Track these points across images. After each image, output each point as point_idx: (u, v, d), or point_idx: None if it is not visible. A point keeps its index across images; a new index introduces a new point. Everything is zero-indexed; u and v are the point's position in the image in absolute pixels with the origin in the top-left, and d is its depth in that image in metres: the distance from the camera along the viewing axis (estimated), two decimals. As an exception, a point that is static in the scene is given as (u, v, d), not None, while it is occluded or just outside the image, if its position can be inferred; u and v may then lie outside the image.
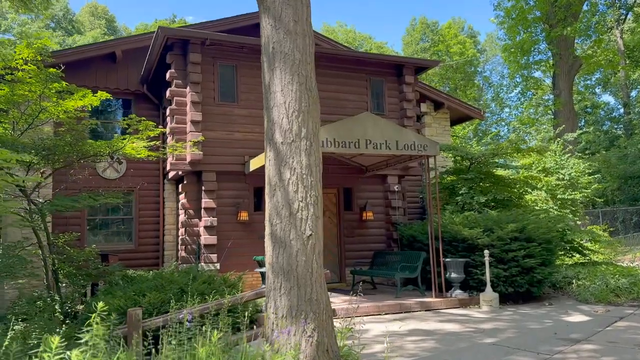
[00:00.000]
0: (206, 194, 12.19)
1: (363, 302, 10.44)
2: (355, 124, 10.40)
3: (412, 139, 10.82)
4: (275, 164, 5.55)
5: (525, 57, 26.43)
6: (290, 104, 5.56)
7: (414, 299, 10.68)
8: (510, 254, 10.74)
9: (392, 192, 14.05)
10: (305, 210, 5.41)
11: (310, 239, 5.39)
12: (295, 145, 5.50)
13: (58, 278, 11.31)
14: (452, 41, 46.78)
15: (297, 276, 5.30)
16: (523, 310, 10.15)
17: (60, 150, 10.17)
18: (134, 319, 6.42)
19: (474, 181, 14.22)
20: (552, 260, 11.35)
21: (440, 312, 10.14)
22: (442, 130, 18.44)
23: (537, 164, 19.36)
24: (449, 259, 10.92)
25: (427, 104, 18.05)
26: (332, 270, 13.52)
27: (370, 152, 10.53)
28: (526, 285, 10.81)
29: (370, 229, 13.96)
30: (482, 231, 11.07)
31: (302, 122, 5.56)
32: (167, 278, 9.49)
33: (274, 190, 5.53)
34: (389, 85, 14.32)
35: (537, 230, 10.96)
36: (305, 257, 5.34)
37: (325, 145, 10.07)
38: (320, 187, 5.65)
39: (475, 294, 10.88)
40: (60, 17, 39.65)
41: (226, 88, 12.64)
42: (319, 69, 13.78)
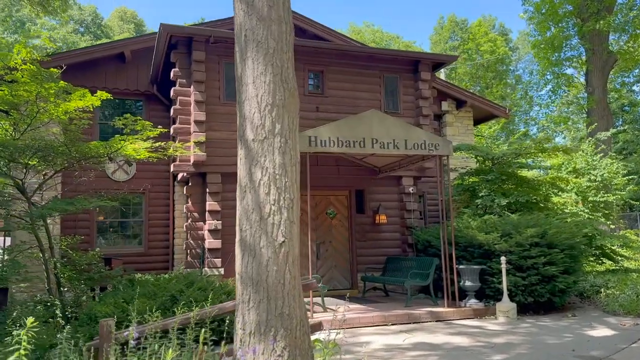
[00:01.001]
0: (210, 196, 11.77)
1: (369, 310, 9.83)
2: (361, 122, 9.82)
3: (422, 138, 10.16)
4: (245, 163, 5.03)
5: (556, 53, 25.31)
6: (263, 97, 5.03)
7: (425, 308, 10.01)
8: (530, 261, 9.97)
9: (407, 194, 13.38)
10: (277, 215, 4.87)
11: (283, 247, 4.84)
12: (267, 143, 4.96)
13: (60, 282, 11.09)
14: (482, 39, 45.52)
15: (267, 288, 4.76)
16: (542, 322, 9.37)
17: (55, 151, 9.89)
18: (105, 330, 5.98)
19: (495, 183, 13.43)
20: (576, 268, 10.51)
21: (452, 324, 9.45)
22: (464, 130, 17.65)
23: (567, 165, 18.37)
24: (463, 266, 10.22)
25: (448, 102, 17.30)
26: (343, 276, 12.94)
27: (376, 151, 9.93)
28: (547, 294, 10.02)
29: (384, 233, 13.31)
30: (500, 236, 10.33)
31: (276, 117, 5.02)
32: (160, 284, 9.09)
33: (244, 192, 5.01)
34: (404, 82, 13.66)
35: (560, 235, 10.15)
36: (276, 266, 4.80)
37: (327, 145, 9.52)
38: (297, 189, 5.10)
39: (491, 304, 10.14)
40: (89, 22, 40.13)
41: (232, 87, 12.19)
42: (330, 66, 13.33)
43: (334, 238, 12.99)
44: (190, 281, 9.57)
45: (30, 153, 9.76)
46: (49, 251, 11.12)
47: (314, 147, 9.45)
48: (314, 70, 12.91)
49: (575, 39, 24.92)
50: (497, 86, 40.20)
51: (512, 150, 13.50)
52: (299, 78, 12.65)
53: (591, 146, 18.42)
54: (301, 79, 12.69)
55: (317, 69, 12.92)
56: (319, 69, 12.93)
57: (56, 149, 9.89)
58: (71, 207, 9.72)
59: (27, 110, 10.26)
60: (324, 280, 12.71)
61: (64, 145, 9.94)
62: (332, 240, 12.96)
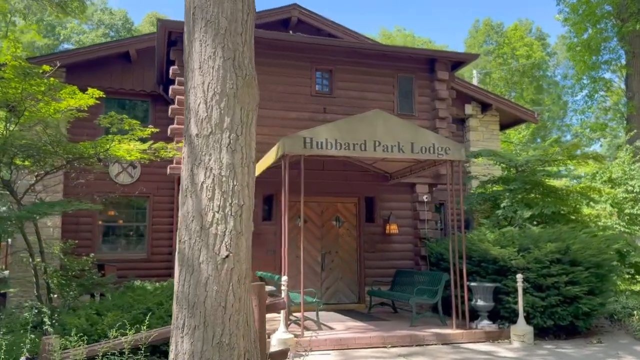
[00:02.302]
0: (208, 202, 11.10)
1: (369, 330, 8.95)
2: (362, 122, 8.99)
3: (430, 141, 9.26)
4: (188, 162, 4.29)
5: (593, 56, 23.86)
6: (211, 84, 4.29)
7: (431, 329, 9.07)
8: (550, 280, 8.93)
9: (420, 202, 12.44)
10: (222, 224, 4.11)
11: (227, 262, 4.07)
12: (213, 139, 4.22)
13: (50, 288, 10.61)
14: (518, 43, 43.98)
15: (205, 312, 4.00)
16: (562, 349, 8.32)
17: (40, 151, 9.40)
18: (45, 348, 5.33)
19: (519, 192, 12.37)
20: (603, 289, 9.40)
21: (460, 348, 8.49)
22: (489, 135, 16.59)
23: (602, 174, 17.06)
24: (475, 283, 9.24)
25: (472, 105, 16.29)
26: (350, 289, 12.09)
27: (378, 155, 9.08)
28: (569, 317, 8.95)
29: (395, 244, 12.41)
30: (517, 251, 9.32)
31: (225, 109, 4.27)
32: (140, 295, 8.45)
33: (185, 197, 4.27)
34: (420, 82, 12.75)
35: (584, 251, 9.08)
36: (217, 286, 4.04)
37: (325, 147, 8.73)
38: (248, 194, 4.33)
39: (506, 326, 9.13)
40: (119, 26, 40.41)
41: (233, 86, 11.54)
42: (339, 65, 12.52)
43: (341, 248, 12.15)
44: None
45: (12, 152, 9.29)
46: (39, 255, 10.68)
47: (309, 149, 8.67)
48: (322, 69, 12.15)
49: (614, 40, 23.42)
50: (528, 89, 38.59)
51: (537, 156, 12.40)
52: (305, 77, 11.93)
53: (629, 154, 17.05)
54: (308, 79, 11.95)
55: (326, 67, 12.15)
56: (327, 68, 12.16)
57: (40, 148, 9.41)
58: (50, 210, 9.18)
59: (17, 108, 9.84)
60: (329, 293, 11.90)
61: (49, 145, 9.44)
62: (338, 251, 12.13)
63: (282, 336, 7.71)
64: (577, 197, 12.90)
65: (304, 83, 11.93)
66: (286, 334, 7.77)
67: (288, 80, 11.81)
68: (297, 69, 11.89)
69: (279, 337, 7.68)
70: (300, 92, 11.86)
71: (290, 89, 11.79)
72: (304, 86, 11.93)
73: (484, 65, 45.04)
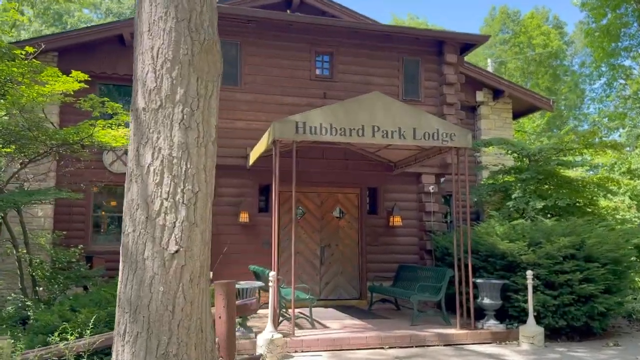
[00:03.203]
0: (200, 191, 10.53)
1: (366, 329, 8.33)
2: (360, 106, 8.33)
3: (434, 126, 8.57)
4: (134, 141, 3.69)
5: (613, 42, 22.86)
6: (161, 50, 3.68)
7: (433, 329, 8.42)
8: (563, 277, 8.23)
9: (426, 193, 11.76)
10: (171, 214, 3.51)
11: (176, 259, 3.47)
12: (163, 114, 3.61)
13: (36, 280, 10.16)
14: (534, 32, 42.78)
15: (149, 317, 3.41)
16: (574, 353, 7.63)
17: (17, 136, 8.88)
18: (-7, 352, 4.79)
19: (531, 182, 11.63)
20: (621, 287, 8.68)
21: (463, 349, 7.84)
22: (502, 123, 15.78)
23: (621, 165, 16.24)
24: (481, 280, 8.56)
25: (483, 91, 15.49)
26: (351, 284, 11.47)
27: (377, 141, 8.42)
28: (584, 317, 8.25)
29: (399, 237, 11.75)
30: (527, 245, 8.62)
31: (177, 79, 3.66)
32: (115, 290, 7.89)
33: (130, 181, 3.67)
34: (427, 66, 12.03)
35: (601, 246, 8.36)
36: (164, 286, 3.44)
37: (319, 132, 8.08)
38: (206, 179, 3.72)
39: (515, 326, 8.44)
40: (127, 15, 39.91)
41: (227, 69, 10.87)
42: (340, 47, 11.83)
43: (342, 241, 11.53)
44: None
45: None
46: (25, 247, 10.23)
47: (301, 134, 8.03)
48: (322, 51, 11.48)
49: (635, 26, 22.42)
50: (544, 77, 37.48)
51: (552, 145, 11.63)
52: (304, 60, 11.27)
53: (650, 144, 16.22)
54: (307, 62, 11.29)
55: (326, 50, 11.48)
56: (327, 51, 11.49)
57: (18, 133, 8.89)
58: (27, 199, 8.66)
59: (0, 91, 9.33)
60: (328, 288, 11.29)
61: (27, 130, 8.92)
62: (339, 244, 11.50)
63: (269, 336, 7.12)
64: (594, 188, 12.13)
65: (302, 66, 11.27)
66: (274, 334, 7.17)
67: (285, 64, 11.16)
68: (295, 51, 11.23)
69: (265, 337, 7.09)
70: (298, 76, 11.21)
71: (288, 72, 11.14)
72: (303, 70, 11.27)
73: (499, 54, 43.95)
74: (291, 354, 7.30)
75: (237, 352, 7.21)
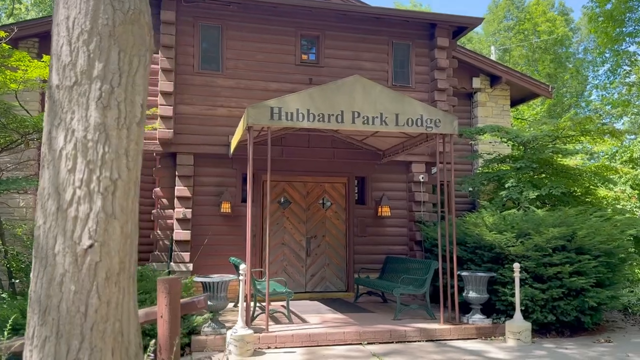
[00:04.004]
0: (180, 180, 10.20)
1: (345, 324, 7.98)
2: (339, 91, 7.92)
3: (418, 112, 8.16)
4: (47, 123, 3.31)
5: (617, 28, 22.18)
6: (77, 20, 3.28)
7: (416, 324, 8.06)
8: (552, 270, 7.84)
9: (416, 182, 11.37)
10: (85, 204, 3.13)
11: (90, 254, 3.10)
12: (78, 91, 3.22)
13: (12, 273, 9.87)
14: (539, 19, 42.00)
15: (59, 319, 3.05)
16: (563, 349, 7.26)
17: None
18: None
19: (525, 171, 11.20)
20: (614, 280, 8.29)
21: (446, 345, 7.48)
22: (499, 111, 15.31)
23: (622, 153, 15.75)
24: (466, 273, 8.19)
25: (480, 78, 15.02)
26: (337, 276, 11.12)
27: (359, 128, 8.01)
28: (574, 312, 7.87)
29: (388, 228, 11.37)
30: (515, 236, 8.23)
31: (94, 52, 3.26)
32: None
33: (42, 167, 3.30)
34: (418, 50, 11.58)
35: (592, 237, 7.95)
36: (76, 285, 3.07)
37: (295, 118, 7.69)
38: (128, 165, 3.33)
39: (502, 321, 8.08)
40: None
41: (209, 53, 10.54)
42: (327, 30, 11.40)
43: (328, 232, 11.16)
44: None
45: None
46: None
47: (277, 120, 7.64)
48: (308, 35, 11.06)
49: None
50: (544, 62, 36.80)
51: (546, 132, 11.17)
52: (289, 44, 10.86)
53: (653, 132, 15.71)
54: (292, 46, 10.88)
55: (312, 33, 11.05)
56: (314, 34, 11.06)
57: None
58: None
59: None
60: (314, 280, 10.96)
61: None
62: (325, 235, 11.14)
63: (239, 332, 6.78)
64: (591, 177, 11.67)
65: (287, 51, 10.85)
66: (244, 330, 6.83)
67: (269, 48, 10.75)
68: (280, 34, 10.82)
69: (234, 333, 6.75)
70: (283, 60, 10.80)
71: (271, 57, 10.74)
72: (288, 54, 10.85)
73: (503, 41, 43.22)
74: (263, 351, 6.97)
75: (207, 349, 6.90)
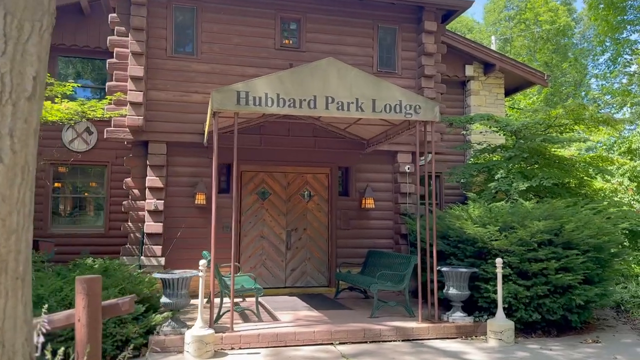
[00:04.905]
0: (152, 170, 9.74)
1: (317, 323, 7.53)
2: (312, 74, 7.43)
3: (397, 97, 7.67)
4: None
5: (618, 16, 21.60)
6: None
7: (392, 322, 7.61)
8: (537, 265, 7.36)
9: (402, 173, 10.89)
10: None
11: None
12: None
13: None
14: (541, 9, 41.27)
15: None
16: (548, 350, 6.80)
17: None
18: None
19: (515, 161, 10.71)
20: (604, 277, 7.81)
21: (423, 346, 7.03)
22: (493, 100, 14.80)
23: (621, 144, 15.23)
24: (447, 268, 7.72)
25: (474, 65, 14.50)
26: (319, 271, 10.68)
27: (333, 114, 7.52)
28: (561, 310, 7.41)
29: (373, 220, 10.91)
30: (499, 230, 7.76)
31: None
32: (44, 278, 7.16)
33: None
34: (404, 35, 11.07)
35: (581, 232, 7.47)
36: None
37: (264, 103, 7.21)
38: (13, 146, 2.79)
39: (484, 319, 7.61)
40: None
41: (183, 37, 10.04)
42: (309, 13, 10.87)
43: (310, 225, 10.71)
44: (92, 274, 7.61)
45: None
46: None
47: (244, 105, 7.16)
48: (289, 18, 10.54)
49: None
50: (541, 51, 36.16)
51: (536, 120, 10.66)
52: (268, 27, 10.36)
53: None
54: (271, 29, 10.38)
55: (293, 16, 10.54)
56: (295, 17, 10.55)
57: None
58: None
59: None
60: (295, 275, 10.52)
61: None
62: (307, 228, 10.68)
63: (198, 332, 6.34)
64: (586, 168, 11.16)
65: (266, 34, 10.35)
66: (203, 330, 6.39)
67: (247, 31, 10.24)
68: (258, 16, 10.31)
69: (194, 334, 6.31)
70: (261, 44, 10.30)
71: (249, 40, 10.23)
72: (267, 38, 10.35)
73: (504, 31, 42.54)
74: (225, 352, 6.53)
75: (165, 350, 6.46)
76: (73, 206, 12.55)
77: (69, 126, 12.14)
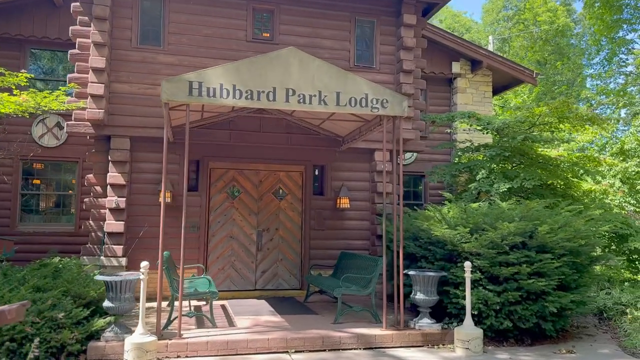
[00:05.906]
0: (114, 166, 9.31)
1: (273, 330, 7.08)
2: (272, 64, 7.00)
3: (363, 91, 7.24)
4: None
5: (614, 15, 21.12)
6: None
7: (356, 329, 7.16)
8: (508, 270, 6.91)
9: (379, 172, 10.45)
10: None
11: None
12: None
13: None
14: (540, 9, 40.82)
15: None
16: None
17: None
18: None
19: (496, 160, 10.27)
20: (580, 283, 7.35)
21: (384, 355, 6.58)
22: (480, 98, 14.38)
23: (612, 144, 14.78)
24: (413, 272, 7.27)
25: (460, 62, 14.10)
26: (291, 273, 10.25)
27: (293, 107, 7.09)
28: (533, 318, 6.96)
29: (348, 221, 10.47)
30: (470, 232, 7.31)
31: None
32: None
33: None
34: (383, 28, 10.63)
35: (555, 234, 7.01)
36: None
37: (218, 95, 6.78)
38: None
39: (453, 326, 7.16)
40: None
41: (149, 27, 9.62)
42: (283, 5, 10.42)
43: (282, 225, 10.27)
44: (44, 275, 7.22)
45: None
46: None
47: (196, 96, 6.73)
48: (261, 9, 10.11)
49: (639, -4, 20.68)
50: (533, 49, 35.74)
51: (518, 118, 10.21)
52: (240, 19, 9.94)
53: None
54: (243, 20, 9.96)
55: (266, 7, 10.11)
56: (268, 8, 10.12)
57: None
58: None
59: None
60: (265, 277, 10.10)
61: None
62: (279, 228, 10.25)
63: (138, 339, 5.90)
64: (572, 168, 10.72)
65: (237, 25, 9.91)
66: (145, 337, 5.95)
67: (218, 22, 9.82)
68: (229, 7, 9.88)
69: (133, 341, 5.87)
70: (232, 36, 9.87)
71: (219, 32, 9.81)
72: (238, 29, 9.92)
73: (502, 31, 42.15)
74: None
75: (105, 357, 6.04)
76: (43, 204, 12.14)
77: (39, 120, 11.77)
